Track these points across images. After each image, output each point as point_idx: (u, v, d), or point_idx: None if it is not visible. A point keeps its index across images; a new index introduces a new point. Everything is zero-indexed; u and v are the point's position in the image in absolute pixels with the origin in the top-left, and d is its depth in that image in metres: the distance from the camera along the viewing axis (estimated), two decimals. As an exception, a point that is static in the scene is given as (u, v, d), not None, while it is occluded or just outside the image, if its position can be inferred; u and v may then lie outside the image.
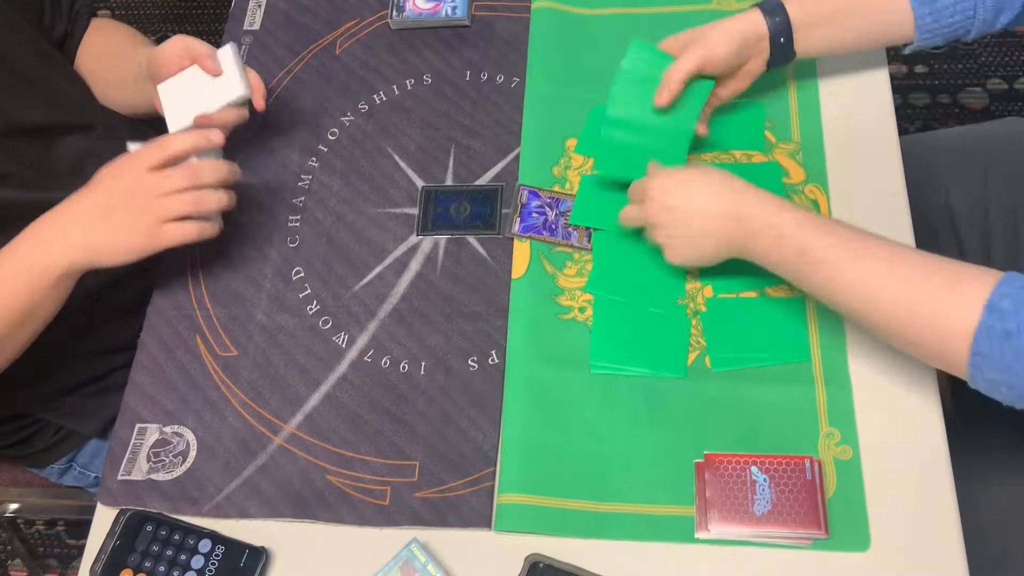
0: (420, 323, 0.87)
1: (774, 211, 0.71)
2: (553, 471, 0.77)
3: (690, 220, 0.75)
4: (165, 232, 0.80)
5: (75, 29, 1.01)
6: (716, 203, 0.74)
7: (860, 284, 0.67)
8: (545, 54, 0.99)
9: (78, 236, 0.79)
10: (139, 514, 0.77)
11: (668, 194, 0.76)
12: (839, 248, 0.68)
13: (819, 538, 0.72)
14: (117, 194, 0.79)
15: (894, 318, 0.66)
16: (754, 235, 0.72)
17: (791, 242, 0.70)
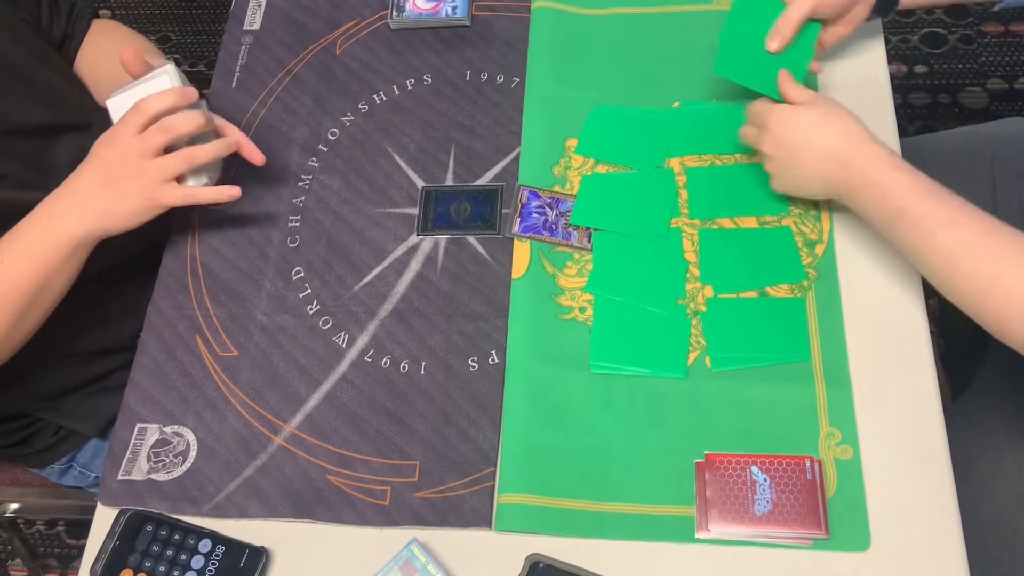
0: (420, 323, 0.87)
1: (882, 167, 0.73)
2: (553, 471, 0.77)
3: (802, 159, 0.78)
4: (164, 192, 0.82)
5: (76, 30, 1.01)
6: (829, 147, 0.76)
7: (947, 252, 0.70)
8: (545, 54, 0.99)
9: (87, 206, 0.81)
10: (139, 514, 0.77)
11: (786, 129, 0.78)
12: (936, 214, 0.70)
13: (819, 538, 0.72)
14: (113, 163, 0.81)
15: (972, 289, 0.69)
16: (859, 187, 0.75)
17: (892, 201, 0.72)
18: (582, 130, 0.94)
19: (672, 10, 1.00)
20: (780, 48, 0.83)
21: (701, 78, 0.95)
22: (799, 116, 0.78)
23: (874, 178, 0.73)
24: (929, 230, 0.70)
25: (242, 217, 0.95)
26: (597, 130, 0.94)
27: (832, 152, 0.76)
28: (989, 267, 0.68)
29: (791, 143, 0.78)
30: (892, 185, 0.72)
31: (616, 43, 0.99)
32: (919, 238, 0.71)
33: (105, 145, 0.82)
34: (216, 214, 0.96)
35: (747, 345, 0.81)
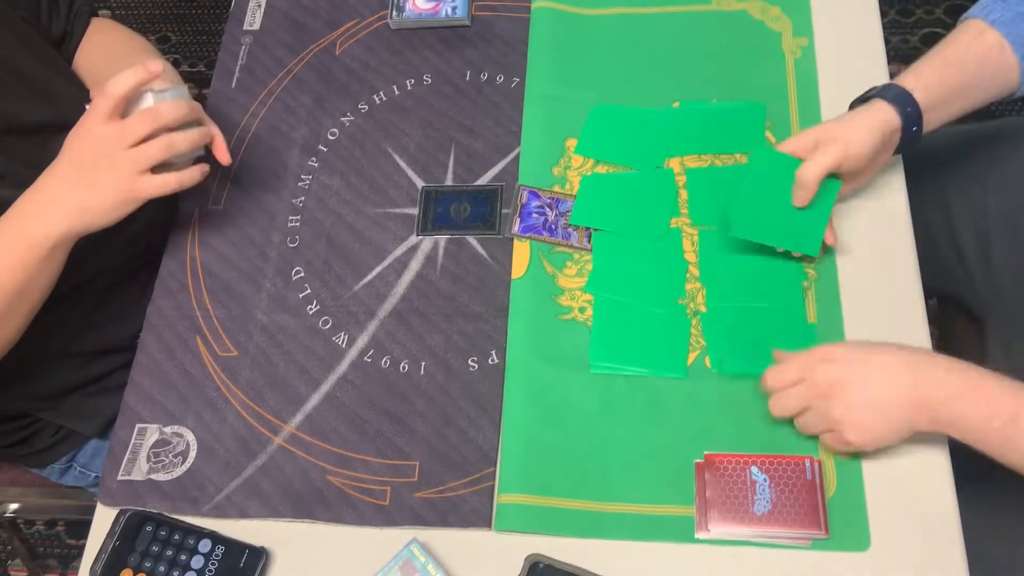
0: (420, 323, 0.87)
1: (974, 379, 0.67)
2: (553, 471, 0.77)
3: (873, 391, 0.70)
4: (144, 182, 0.79)
5: (75, 29, 1.01)
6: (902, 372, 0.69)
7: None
8: (545, 54, 0.99)
9: (64, 203, 0.78)
10: (139, 514, 0.77)
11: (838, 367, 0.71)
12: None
13: (819, 538, 0.72)
14: (87, 155, 0.78)
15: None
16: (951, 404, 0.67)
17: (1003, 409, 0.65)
18: (582, 130, 0.94)
19: (672, 10, 1.00)
20: (805, 202, 0.78)
21: (701, 78, 0.95)
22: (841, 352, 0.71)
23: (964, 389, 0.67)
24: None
25: (242, 217, 0.95)
26: (597, 130, 0.94)
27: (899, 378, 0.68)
28: None
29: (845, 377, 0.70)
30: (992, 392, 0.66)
31: (616, 43, 0.99)
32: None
33: (77, 138, 0.79)
34: (216, 214, 0.96)
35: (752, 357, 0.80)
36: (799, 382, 0.72)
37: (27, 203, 0.79)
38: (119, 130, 0.78)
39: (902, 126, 0.79)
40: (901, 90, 0.79)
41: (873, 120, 0.78)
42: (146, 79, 0.79)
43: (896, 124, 0.78)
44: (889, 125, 0.78)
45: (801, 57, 0.95)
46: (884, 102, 0.79)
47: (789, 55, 0.95)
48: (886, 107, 0.78)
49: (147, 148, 0.78)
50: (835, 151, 0.77)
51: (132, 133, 0.78)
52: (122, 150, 0.78)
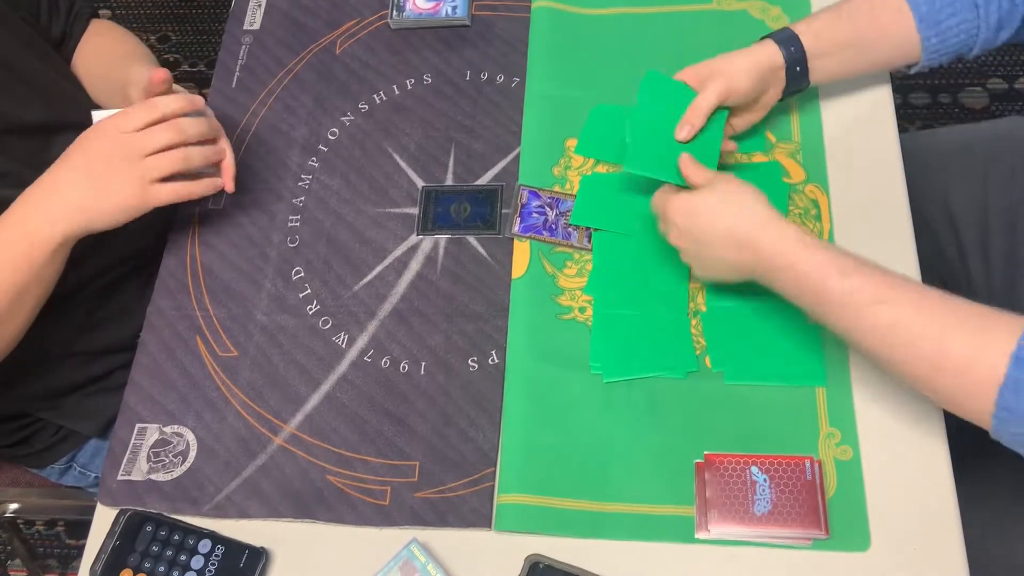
0: (420, 323, 0.87)
1: (791, 247, 0.69)
2: (553, 471, 0.77)
3: (709, 248, 0.74)
4: (156, 191, 0.80)
5: (74, 30, 1.01)
6: (733, 231, 0.72)
7: (883, 330, 0.65)
8: (545, 54, 0.99)
9: (70, 202, 0.78)
10: (139, 514, 0.77)
11: (686, 218, 0.75)
12: (861, 292, 0.65)
13: (819, 538, 0.72)
14: (102, 156, 0.79)
15: (918, 366, 0.64)
16: (772, 270, 0.71)
17: (810, 283, 0.68)
18: (582, 130, 0.94)
19: (672, 10, 1.00)
20: (689, 137, 0.80)
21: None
22: (697, 202, 0.74)
23: (785, 260, 0.69)
24: (856, 309, 0.65)
25: (242, 217, 0.95)
26: (597, 130, 0.94)
27: (736, 236, 0.71)
28: (931, 343, 0.62)
29: (694, 231, 0.74)
30: (806, 266, 0.68)
31: (616, 43, 0.99)
32: (847, 319, 0.66)
33: (95, 137, 0.80)
34: (216, 214, 0.96)
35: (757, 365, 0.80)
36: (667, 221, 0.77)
37: (32, 200, 0.79)
38: (141, 138, 0.79)
39: (786, 66, 0.82)
40: (790, 32, 0.83)
41: (756, 57, 0.82)
42: (190, 110, 0.82)
43: (779, 62, 0.82)
44: (771, 63, 0.82)
45: (801, 57, 0.95)
46: (771, 41, 0.83)
47: (789, 55, 0.95)
48: (771, 46, 0.82)
49: (164, 158, 0.80)
50: (719, 87, 0.80)
51: (153, 142, 0.79)
52: (140, 157, 0.79)
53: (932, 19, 0.81)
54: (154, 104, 0.80)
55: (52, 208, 0.78)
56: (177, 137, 0.80)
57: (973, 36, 0.81)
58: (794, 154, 0.90)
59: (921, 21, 0.81)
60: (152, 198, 0.80)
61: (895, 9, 0.82)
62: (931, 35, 0.81)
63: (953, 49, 0.83)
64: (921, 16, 0.81)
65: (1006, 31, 0.81)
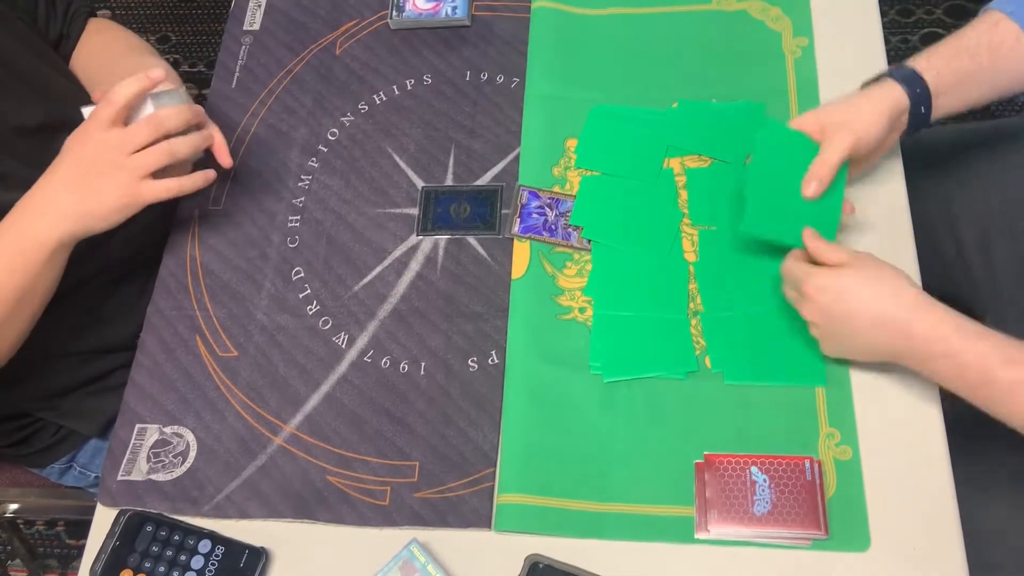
0: (420, 323, 0.87)
1: (950, 336, 0.67)
2: (553, 471, 0.77)
3: (851, 330, 0.72)
4: (146, 187, 0.79)
5: (71, 30, 1.01)
6: (882, 314, 0.69)
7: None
8: (545, 54, 0.99)
9: (65, 206, 0.78)
10: (139, 514, 0.77)
11: (827, 297, 0.72)
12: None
13: (819, 538, 0.72)
14: (88, 158, 0.79)
15: None
16: (928, 359, 0.68)
17: (972, 372, 0.66)
18: (582, 130, 0.94)
19: (672, 10, 1.00)
20: (817, 194, 0.77)
21: (701, 78, 0.95)
22: (840, 282, 0.71)
23: (943, 348, 0.67)
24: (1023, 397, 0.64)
25: (242, 217, 0.95)
26: (597, 131, 0.94)
27: (886, 320, 0.69)
28: None
29: (836, 312, 0.71)
30: (969, 357, 0.66)
31: (616, 43, 0.99)
32: (1015, 407, 0.65)
33: (78, 142, 0.80)
34: (216, 214, 0.96)
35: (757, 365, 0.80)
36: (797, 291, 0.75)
37: (28, 206, 0.79)
38: (121, 137, 0.79)
39: (910, 107, 0.78)
40: (911, 71, 0.78)
41: (882, 102, 0.77)
42: (148, 87, 0.80)
43: (904, 105, 0.78)
44: (898, 106, 0.78)
45: (801, 57, 0.95)
46: (893, 81, 0.78)
47: (789, 55, 0.95)
48: (895, 86, 0.78)
49: (148, 154, 0.79)
50: (846, 139, 0.76)
51: (134, 140, 0.79)
52: (124, 156, 0.79)
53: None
54: (110, 95, 0.79)
55: (47, 213, 0.79)
56: (155, 131, 0.79)
57: None
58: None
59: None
60: (143, 195, 0.79)
61: (1012, 39, 0.78)
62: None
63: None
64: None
65: None
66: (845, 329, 0.72)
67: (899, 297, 0.69)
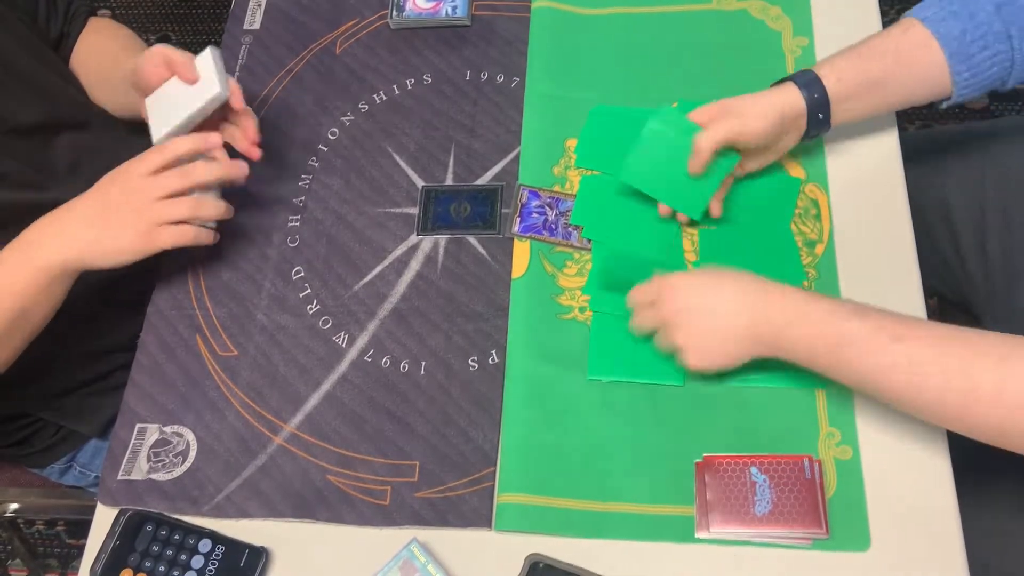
0: (420, 323, 0.87)
1: (803, 304, 0.69)
2: (553, 471, 0.77)
3: (713, 320, 0.73)
4: (161, 235, 0.80)
5: (71, 29, 1.01)
6: (742, 304, 0.71)
7: (905, 369, 0.64)
8: (545, 54, 0.99)
9: (74, 237, 0.79)
10: (139, 514, 0.77)
11: (684, 294, 0.74)
12: (880, 334, 0.65)
13: (819, 538, 0.72)
14: (116, 196, 0.80)
15: (949, 404, 0.63)
16: (785, 331, 0.70)
17: (827, 334, 0.67)
18: (582, 131, 0.94)
19: (672, 10, 1.00)
20: (700, 170, 0.80)
21: (701, 78, 0.95)
22: (693, 279, 0.75)
23: (801, 315, 0.68)
24: (878, 351, 0.65)
25: (242, 217, 0.95)
26: (597, 131, 0.94)
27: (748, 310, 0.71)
28: (960, 376, 0.62)
29: (693, 302, 0.74)
30: (822, 316, 0.67)
31: (616, 43, 0.99)
32: (868, 362, 0.65)
33: (114, 179, 0.81)
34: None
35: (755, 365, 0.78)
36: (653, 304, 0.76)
37: (38, 232, 0.80)
38: (154, 182, 0.80)
39: (807, 111, 0.79)
40: (813, 76, 0.79)
41: (775, 100, 0.79)
42: (203, 150, 0.83)
43: (800, 108, 0.79)
44: (792, 108, 0.79)
45: (801, 56, 0.95)
46: (793, 85, 0.80)
47: (789, 54, 0.95)
48: (792, 91, 0.79)
49: (172, 205, 0.81)
50: (730, 125, 0.78)
51: (165, 188, 0.80)
52: (151, 201, 0.80)
53: (963, 53, 0.77)
54: (164, 147, 0.81)
55: (56, 238, 0.79)
56: (186, 184, 0.81)
57: (1007, 69, 0.78)
58: (794, 154, 0.90)
59: (952, 56, 0.77)
60: (155, 243, 0.81)
61: (922, 45, 0.78)
62: (962, 69, 0.78)
63: (986, 82, 0.79)
64: (951, 51, 0.77)
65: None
66: (706, 323, 0.73)
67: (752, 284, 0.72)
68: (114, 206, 0.80)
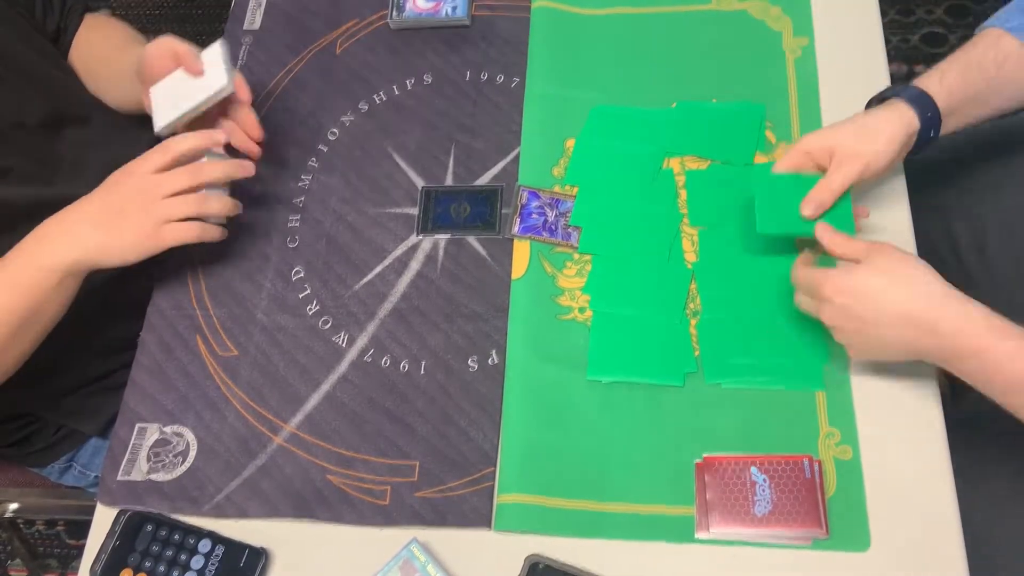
0: (420, 323, 0.87)
1: (980, 332, 0.64)
2: (553, 471, 0.77)
3: (877, 329, 0.68)
4: (167, 232, 0.80)
5: (68, 24, 1.01)
6: (907, 311, 0.66)
7: None
8: (545, 54, 0.99)
9: (82, 236, 0.79)
10: (139, 514, 0.77)
11: (848, 299, 0.68)
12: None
13: (819, 538, 0.72)
14: (123, 195, 0.80)
15: None
16: (957, 356, 0.66)
17: (1003, 371, 0.63)
18: (581, 131, 0.94)
19: (672, 10, 1.00)
20: (815, 215, 0.75)
21: (701, 78, 0.95)
22: (860, 281, 0.68)
23: (974, 345, 0.64)
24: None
25: (242, 217, 0.95)
26: (596, 131, 0.94)
27: (912, 317, 0.66)
28: None
29: (858, 313, 0.68)
30: (998, 354, 0.63)
31: (616, 43, 0.99)
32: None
33: (121, 178, 0.81)
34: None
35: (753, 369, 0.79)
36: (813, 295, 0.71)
37: (46, 232, 0.80)
38: (161, 180, 0.80)
39: (920, 130, 0.76)
40: (922, 92, 0.76)
41: (896, 128, 0.75)
42: (208, 147, 0.82)
43: (915, 128, 0.76)
44: (910, 130, 0.76)
45: (801, 57, 0.95)
46: (905, 104, 0.76)
47: (789, 55, 0.95)
48: (907, 110, 0.76)
49: (179, 202, 0.80)
50: (855, 168, 0.74)
51: (172, 186, 0.80)
52: (157, 200, 0.80)
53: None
54: (167, 145, 0.81)
55: (63, 238, 0.79)
56: (194, 182, 0.81)
57: None
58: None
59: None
60: (163, 240, 0.80)
61: (1016, 54, 0.77)
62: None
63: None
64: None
65: None
66: (870, 330, 0.68)
67: (926, 292, 0.66)
68: (120, 205, 0.80)
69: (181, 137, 0.82)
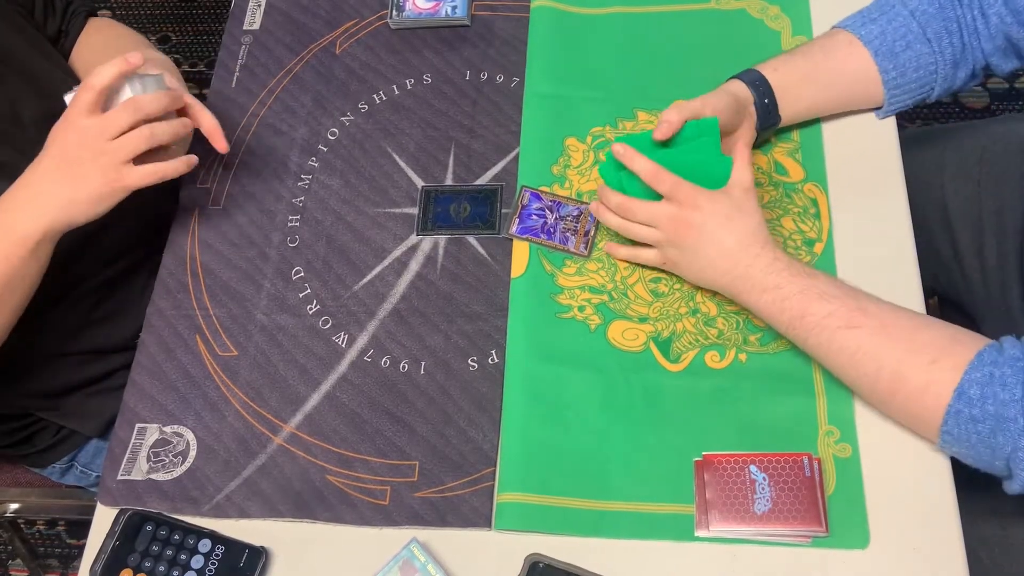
0: (420, 323, 0.87)
1: (781, 270, 0.73)
2: (553, 470, 0.77)
3: (706, 246, 0.76)
4: (128, 174, 0.79)
5: (70, 28, 1.01)
6: (736, 245, 0.75)
7: (849, 354, 0.70)
8: (545, 54, 0.99)
9: (47, 198, 0.78)
10: (139, 514, 0.77)
11: (700, 213, 0.76)
12: (835, 317, 0.71)
13: (819, 535, 0.72)
14: (70, 148, 0.78)
15: (878, 390, 0.71)
16: (756, 289, 0.74)
17: (791, 306, 0.72)
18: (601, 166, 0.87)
19: (672, 9, 1.00)
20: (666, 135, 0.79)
21: (701, 77, 0.95)
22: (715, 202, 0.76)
23: (773, 281, 0.73)
24: (830, 332, 0.71)
25: (242, 217, 0.95)
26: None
27: (737, 252, 0.75)
28: (890, 367, 0.69)
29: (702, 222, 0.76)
30: (792, 289, 0.72)
31: (615, 43, 0.99)
32: (820, 340, 0.71)
33: (60, 131, 0.79)
34: (216, 214, 0.96)
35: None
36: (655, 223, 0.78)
37: (12, 199, 0.79)
38: (101, 122, 0.78)
39: (755, 99, 0.84)
40: (754, 71, 0.86)
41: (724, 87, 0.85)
42: (126, 70, 0.80)
43: (747, 95, 0.84)
44: (741, 94, 0.84)
45: (800, 56, 0.95)
46: (736, 79, 0.86)
47: (788, 54, 0.95)
48: (737, 82, 0.85)
49: (129, 139, 0.78)
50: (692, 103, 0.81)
51: (113, 125, 0.78)
52: (104, 141, 0.78)
53: (887, 51, 0.83)
54: (88, 82, 0.79)
55: (31, 204, 0.78)
56: (133, 117, 0.79)
57: (932, 73, 0.84)
58: (793, 153, 0.90)
59: (876, 53, 0.84)
60: (126, 180, 0.79)
61: (847, 43, 0.85)
62: (889, 68, 0.84)
63: (914, 84, 0.85)
64: (875, 49, 0.84)
65: (963, 70, 0.84)
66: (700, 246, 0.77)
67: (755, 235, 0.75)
68: (72, 157, 0.78)
69: (98, 69, 0.79)
